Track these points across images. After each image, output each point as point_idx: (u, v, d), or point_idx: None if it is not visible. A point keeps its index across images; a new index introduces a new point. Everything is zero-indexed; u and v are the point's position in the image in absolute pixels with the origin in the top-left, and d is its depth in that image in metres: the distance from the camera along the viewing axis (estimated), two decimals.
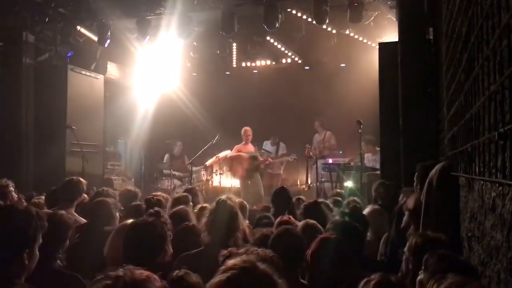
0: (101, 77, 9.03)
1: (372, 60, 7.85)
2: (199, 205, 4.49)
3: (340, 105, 9.63)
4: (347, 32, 9.06)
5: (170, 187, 9.36)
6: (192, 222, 3.76)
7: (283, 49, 10.46)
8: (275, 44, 10.23)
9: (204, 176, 9.77)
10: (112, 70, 9.80)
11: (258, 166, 8.81)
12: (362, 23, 7.74)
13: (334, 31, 9.16)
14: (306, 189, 8.94)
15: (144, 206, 4.21)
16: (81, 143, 7.79)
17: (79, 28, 8.54)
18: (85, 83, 8.60)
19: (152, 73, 10.42)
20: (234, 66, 11.17)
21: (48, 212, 3.32)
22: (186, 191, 5.41)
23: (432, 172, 2.90)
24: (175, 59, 10.25)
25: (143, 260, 2.23)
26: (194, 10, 7.88)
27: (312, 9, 7.26)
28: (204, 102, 10.69)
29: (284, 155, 9.29)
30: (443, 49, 3.76)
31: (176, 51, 9.88)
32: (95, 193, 4.51)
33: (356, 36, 9.19)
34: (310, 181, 9.17)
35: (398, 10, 5.87)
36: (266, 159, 9.06)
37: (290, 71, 11.02)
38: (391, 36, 7.61)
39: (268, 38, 9.90)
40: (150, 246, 2.51)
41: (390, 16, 7.72)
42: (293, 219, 3.78)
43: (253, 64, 11.15)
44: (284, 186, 5.36)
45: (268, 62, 10.98)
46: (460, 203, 2.72)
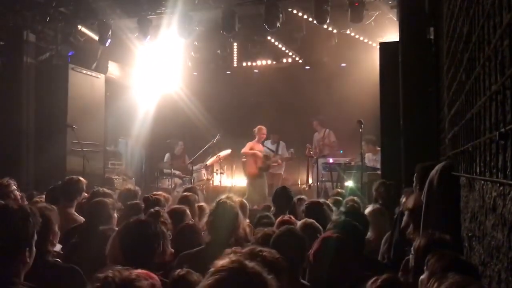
0: (102, 76, 9.03)
1: (373, 60, 7.85)
2: (197, 203, 4.49)
3: (341, 104, 9.63)
4: (348, 32, 9.06)
5: (170, 187, 9.36)
6: (191, 221, 3.77)
7: (283, 48, 10.45)
8: (276, 43, 10.23)
9: (204, 175, 9.78)
10: (113, 69, 9.81)
11: (269, 166, 8.84)
12: (363, 22, 7.73)
13: (335, 31, 9.15)
14: (307, 188, 8.95)
15: (142, 205, 4.22)
16: (81, 142, 7.79)
17: (80, 27, 8.55)
18: (86, 83, 8.60)
19: (153, 72, 10.42)
20: (235, 65, 11.17)
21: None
22: (187, 190, 5.41)
23: (433, 172, 2.89)
24: (176, 59, 10.25)
25: (139, 260, 2.25)
26: (195, 9, 7.89)
27: (313, 8, 7.27)
28: (205, 101, 10.69)
29: (287, 157, 9.27)
30: (444, 48, 3.76)
31: (177, 51, 9.89)
32: (92, 193, 4.45)
33: (357, 36, 9.19)
34: (310, 180, 9.17)
35: (399, 10, 5.87)
36: (277, 160, 9.08)
37: (291, 70, 11.01)
38: (392, 36, 7.60)
39: (269, 38, 9.90)
40: (145, 246, 2.50)
41: (391, 16, 7.71)
42: (294, 219, 3.78)
43: (253, 64, 11.14)
44: (285, 186, 5.36)
45: (269, 62, 10.97)
46: (460, 203, 2.72)
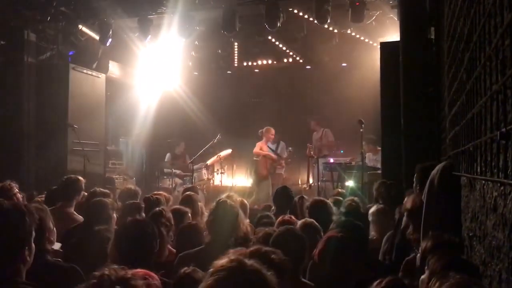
0: (102, 76, 9.03)
1: (373, 59, 7.85)
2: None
3: (342, 104, 9.63)
4: (349, 31, 9.05)
5: (171, 186, 9.37)
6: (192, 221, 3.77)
7: (284, 48, 10.45)
8: (277, 43, 10.23)
9: (205, 175, 9.77)
10: (113, 69, 9.81)
11: (275, 168, 9.00)
12: (364, 22, 7.73)
13: (336, 31, 9.15)
14: (307, 188, 8.94)
15: (142, 205, 4.22)
16: (82, 142, 7.80)
17: (80, 27, 8.54)
18: (86, 82, 8.60)
19: (153, 72, 10.43)
20: (236, 65, 11.17)
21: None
22: (187, 190, 5.41)
23: (433, 172, 2.89)
24: (177, 58, 10.25)
25: (136, 260, 2.25)
26: (195, 9, 7.89)
27: (313, 8, 7.27)
28: (205, 101, 10.69)
29: (286, 157, 9.28)
30: (444, 48, 3.75)
31: (178, 50, 9.89)
32: (90, 193, 4.43)
33: (357, 36, 9.19)
34: (311, 180, 9.17)
35: (400, 10, 5.86)
36: (281, 163, 9.14)
37: (292, 70, 11.01)
38: (393, 35, 7.60)
39: (269, 38, 9.90)
40: (141, 245, 2.50)
41: (391, 15, 7.71)
42: (294, 219, 3.78)
43: (254, 63, 11.15)
44: (286, 186, 5.36)
45: (270, 62, 10.97)
46: (461, 203, 2.71)
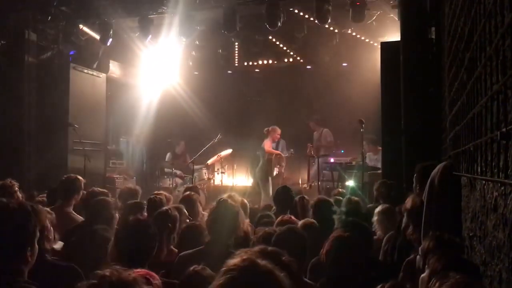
0: (103, 75, 9.04)
1: (374, 59, 7.83)
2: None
3: (342, 104, 9.62)
4: (349, 31, 9.06)
5: (171, 186, 9.37)
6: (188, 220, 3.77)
7: (285, 48, 10.45)
8: (277, 43, 10.23)
9: (205, 174, 9.77)
10: (114, 68, 9.81)
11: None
12: (364, 22, 7.72)
13: (336, 30, 9.15)
14: (308, 188, 8.94)
15: (144, 205, 4.22)
16: (83, 141, 7.81)
17: (81, 26, 8.54)
18: (87, 82, 8.61)
19: (154, 72, 10.43)
20: (236, 65, 11.17)
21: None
22: (188, 189, 5.41)
23: (434, 172, 2.89)
24: (177, 58, 10.25)
25: (135, 260, 2.25)
26: (196, 8, 7.88)
27: (314, 8, 7.26)
28: (206, 100, 10.69)
29: (286, 156, 9.28)
30: (445, 48, 3.75)
31: (178, 50, 9.89)
32: (87, 193, 4.43)
33: (358, 36, 9.19)
34: (311, 180, 9.16)
35: (400, 10, 5.85)
36: (282, 165, 9.17)
37: (292, 70, 11.01)
38: (393, 35, 7.59)
39: (270, 37, 9.90)
40: (141, 246, 2.50)
41: (392, 15, 7.70)
42: (294, 218, 3.78)
43: (255, 63, 11.15)
44: (286, 185, 5.36)
45: (270, 61, 10.97)
46: (461, 203, 2.72)
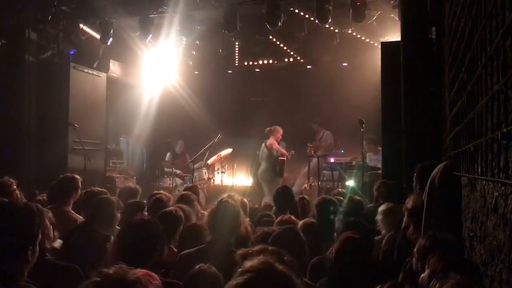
0: (103, 75, 9.04)
1: (374, 59, 7.83)
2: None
3: (342, 104, 9.61)
4: (350, 31, 9.05)
5: (171, 185, 9.36)
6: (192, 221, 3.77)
7: (285, 48, 10.44)
8: (277, 43, 10.22)
9: (205, 174, 9.77)
10: (114, 68, 9.81)
11: None
12: (365, 22, 7.71)
13: (337, 30, 9.14)
14: (308, 188, 8.93)
15: (144, 204, 4.23)
16: (83, 140, 7.80)
17: (81, 26, 8.54)
18: (87, 81, 8.60)
19: (154, 71, 10.43)
20: (236, 64, 11.17)
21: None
22: (187, 189, 5.41)
23: (434, 172, 2.89)
24: (177, 58, 10.25)
25: (139, 259, 2.25)
26: (196, 8, 7.88)
27: (314, 8, 7.25)
28: (206, 100, 10.69)
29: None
30: (445, 48, 3.75)
31: (178, 50, 9.89)
32: (86, 192, 4.40)
33: (358, 35, 9.18)
34: (311, 180, 9.15)
35: (401, 10, 5.85)
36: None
37: (292, 70, 11.00)
38: (394, 35, 7.60)
39: (270, 37, 9.89)
40: (146, 245, 2.50)
41: (392, 15, 7.69)
42: (294, 218, 3.78)
43: (255, 63, 11.15)
44: (287, 185, 5.36)
45: (270, 61, 10.97)
46: (462, 203, 2.71)
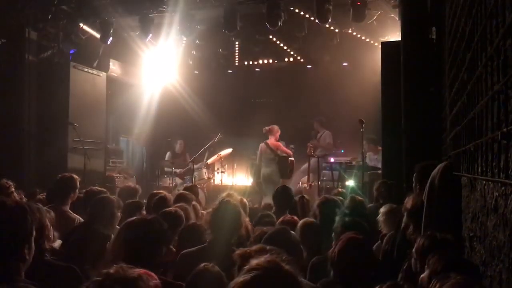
0: (103, 74, 9.04)
1: (374, 59, 7.83)
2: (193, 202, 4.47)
3: (342, 104, 9.62)
4: (350, 31, 9.05)
5: (171, 185, 9.36)
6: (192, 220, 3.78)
7: (285, 47, 10.45)
8: (278, 42, 10.23)
9: (205, 174, 9.77)
10: (114, 67, 9.81)
11: None
12: (365, 22, 7.72)
13: (337, 30, 9.14)
14: (308, 188, 8.93)
15: (144, 203, 4.23)
16: (83, 140, 7.80)
17: (81, 25, 8.54)
18: (87, 81, 8.60)
19: (154, 71, 10.43)
20: (236, 64, 11.18)
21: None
22: (187, 188, 5.41)
23: (434, 172, 2.89)
24: (177, 57, 10.25)
25: (143, 259, 2.25)
26: (196, 8, 7.88)
27: (314, 7, 7.25)
28: (206, 100, 10.69)
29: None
30: (446, 48, 3.75)
31: (178, 49, 9.88)
32: (86, 191, 4.41)
33: (358, 35, 9.18)
34: (311, 179, 9.15)
35: (401, 9, 5.85)
36: None
37: (292, 69, 11.01)
38: (394, 35, 7.60)
39: (270, 37, 9.89)
40: (149, 244, 2.50)
41: (393, 15, 7.70)
42: (296, 218, 3.78)
43: (255, 63, 11.16)
44: (286, 185, 5.35)
45: (270, 61, 10.98)
46: (462, 203, 2.71)
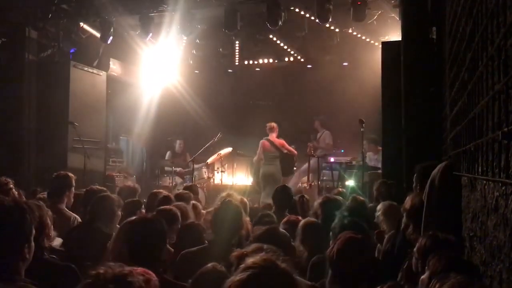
0: (103, 73, 9.03)
1: (375, 59, 7.83)
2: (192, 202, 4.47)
3: (343, 103, 9.62)
4: (350, 30, 9.05)
5: (171, 185, 9.36)
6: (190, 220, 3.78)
7: (285, 47, 10.44)
8: (278, 42, 10.22)
9: (205, 173, 9.77)
10: (114, 67, 9.80)
11: None
12: (365, 21, 7.72)
13: (337, 30, 9.14)
14: (308, 187, 8.93)
15: (143, 203, 4.23)
16: (83, 139, 7.79)
17: (82, 24, 8.54)
18: (87, 80, 8.59)
19: (154, 70, 10.43)
20: (237, 64, 11.17)
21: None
22: (187, 188, 5.41)
23: (434, 172, 2.88)
24: (178, 57, 10.24)
25: (143, 257, 2.25)
26: (197, 7, 7.88)
27: (315, 7, 7.25)
28: (206, 99, 10.69)
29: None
30: (446, 48, 3.75)
31: (179, 49, 9.88)
32: (86, 190, 4.42)
33: (359, 35, 9.18)
34: (311, 179, 9.16)
35: (401, 9, 5.84)
36: None
37: (293, 69, 11.01)
38: (394, 35, 7.60)
39: (270, 36, 9.89)
40: (149, 244, 2.50)
41: (393, 15, 7.70)
42: (300, 218, 3.78)
43: (255, 62, 11.15)
44: (286, 185, 5.36)
45: (271, 60, 10.97)
46: (462, 203, 2.71)
